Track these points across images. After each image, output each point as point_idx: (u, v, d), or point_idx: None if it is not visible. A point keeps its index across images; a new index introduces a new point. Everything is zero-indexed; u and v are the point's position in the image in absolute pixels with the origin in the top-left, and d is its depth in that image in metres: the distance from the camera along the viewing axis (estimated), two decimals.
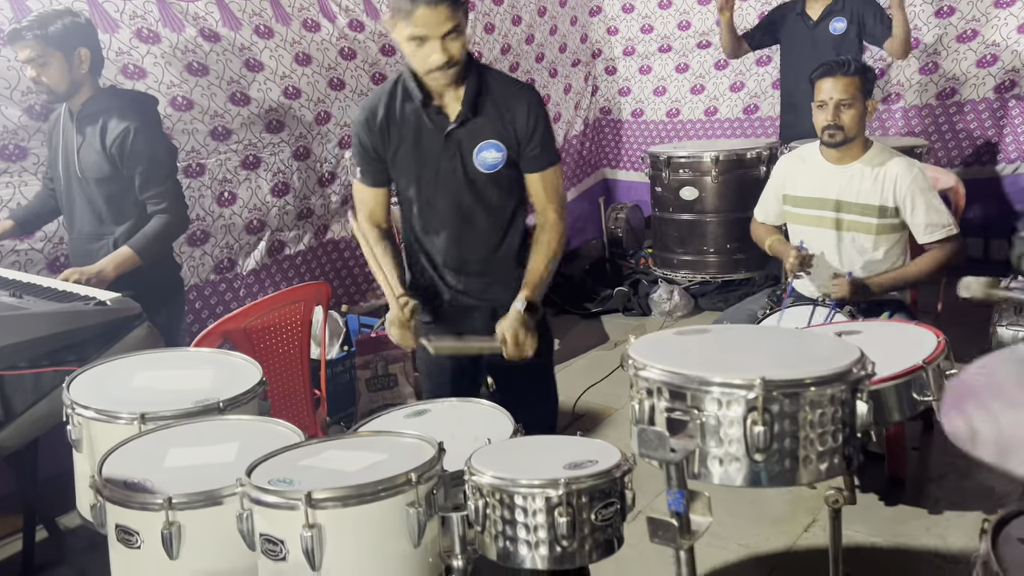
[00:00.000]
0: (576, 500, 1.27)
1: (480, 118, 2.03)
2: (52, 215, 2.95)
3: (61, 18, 2.57)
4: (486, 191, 2.08)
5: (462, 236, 2.12)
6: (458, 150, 2.04)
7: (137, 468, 1.54)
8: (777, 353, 1.39)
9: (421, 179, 2.10)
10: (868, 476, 2.84)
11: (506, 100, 2.03)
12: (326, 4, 4.06)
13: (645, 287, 4.70)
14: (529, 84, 2.13)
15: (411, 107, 2.04)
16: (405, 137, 2.06)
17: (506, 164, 2.05)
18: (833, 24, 4.01)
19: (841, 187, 2.80)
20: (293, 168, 3.97)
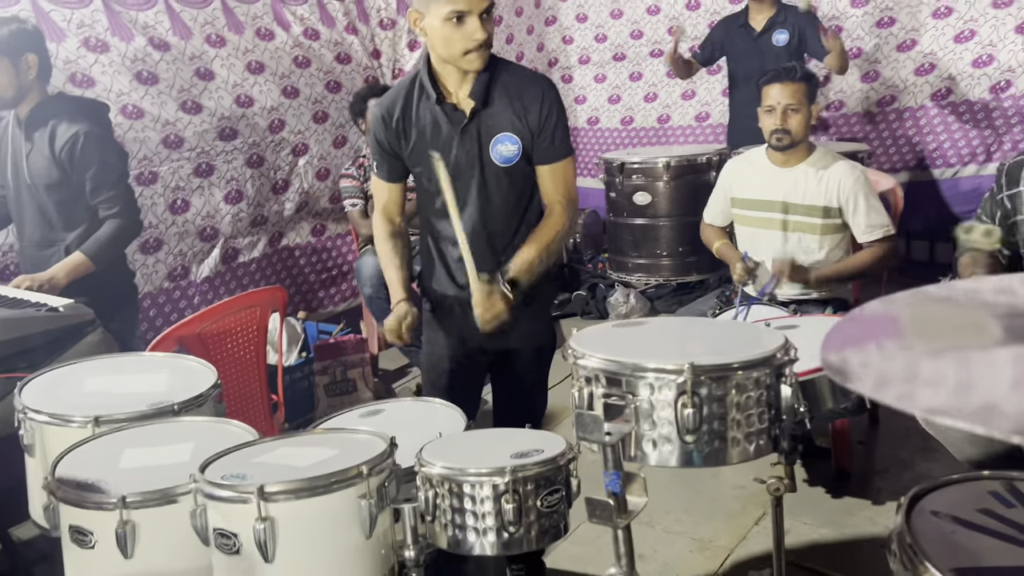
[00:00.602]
0: (522, 487, 1.32)
1: (494, 110, 2.01)
2: (4, 223, 2.92)
3: (7, 25, 2.56)
4: (502, 184, 2.05)
5: (477, 229, 2.07)
6: (474, 144, 2.02)
7: (91, 469, 1.55)
8: (707, 341, 1.46)
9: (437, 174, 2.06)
10: (816, 470, 2.93)
11: (519, 91, 2.00)
12: (280, 13, 4.08)
13: (602, 291, 4.77)
14: (545, 77, 2.11)
15: (427, 104, 2.03)
16: (423, 133, 2.05)
17: (522, 157, 2.04)
18: (776, 36, 4.15)
19: (787, 189, 2.89)
20: (247, 176, 3.97)
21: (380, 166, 2.16)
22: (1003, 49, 4.35)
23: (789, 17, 4.14)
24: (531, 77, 2.07)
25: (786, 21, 4.13)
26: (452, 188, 1.93)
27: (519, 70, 2.07)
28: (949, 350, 0.87)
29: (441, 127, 2.03)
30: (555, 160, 2.05)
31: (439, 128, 2.03)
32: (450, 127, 2.03)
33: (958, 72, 4.50)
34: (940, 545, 1.07)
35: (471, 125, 2.02)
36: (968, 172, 4.62)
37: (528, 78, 2.06)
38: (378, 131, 2.12)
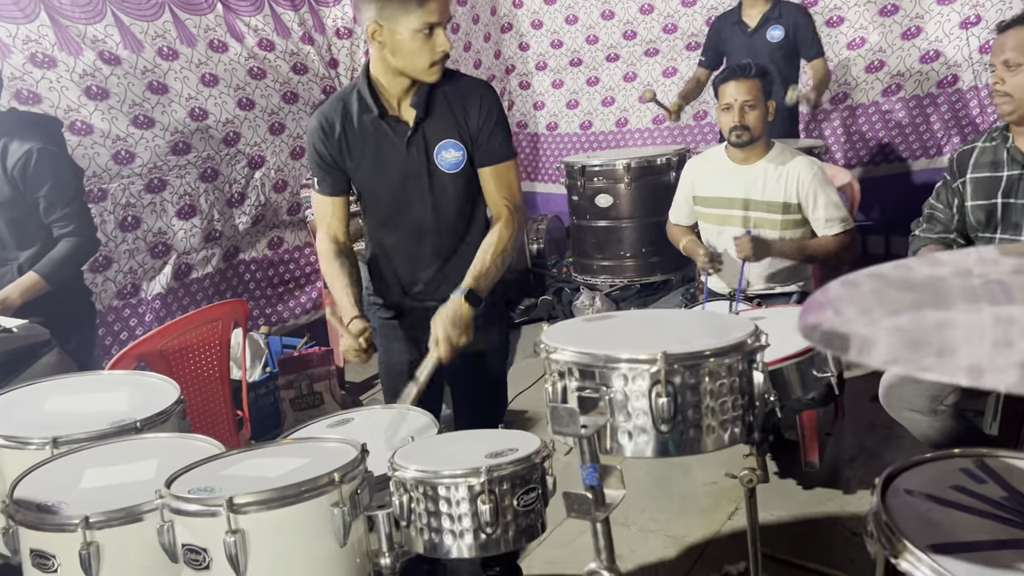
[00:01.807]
0: (498, 487, 1.31)
1: (436, 119, 2.02)
2: None
3: None
4: (450, 191, 2.07)
5: (426, 238, 2.10)
6: (420, 154, 2.03)
7: (51, 491, 1.50)
8: (677, 330, 1.46)
9: (385, 185, 2.09)
10: (785, 463, 2.96)
11: (459, 98, 2.02)
12: (234, 24, 4.03)
13: (568, 295, 4.78)
14: (484, 81, 2.12)
15: (369, 117, 2.03)
16: (366, 147, 2.05)
17: (467, 162, 2.05)
18: (770, 32, 4.12)
19: (747, 186, 2.92)
20: (200, 190, 3.90)
21: (322, 180, 2.11)
22: (948, 45, 4.46)
23: (783, 12, 4.12)
24: (469, 83, 2.08)
25: (780, 17, 4.11)
26: None
27: (458, 77, 2.07)
28: (905, 310, 0.91)
29: (385, 139, 2.04)
30: (497, 161, 2.06)
31: (383, 140, 2.04)
32: (394, 137, 2.03)
33: (907, 68, 4.61)
34: (916, 522, 1.07)
35: (415, 136, 2.03)
36: (920, 166, 4.72)
37: (467, 84, 2.06)
38: (318, 144, 2.08)
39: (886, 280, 1.02)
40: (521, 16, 5.76)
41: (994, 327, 0.86)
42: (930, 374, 0.73)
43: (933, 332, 0.83)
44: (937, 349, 0.79)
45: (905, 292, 0.98)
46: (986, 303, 0.95)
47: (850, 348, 0.82)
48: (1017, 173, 2.26)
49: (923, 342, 0.80)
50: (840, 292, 0.96)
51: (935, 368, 0.73)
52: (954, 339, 0.83)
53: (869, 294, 0.97)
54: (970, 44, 4.39)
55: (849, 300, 0.95)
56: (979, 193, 2.33)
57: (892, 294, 0.97)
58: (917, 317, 0.89)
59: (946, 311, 0.92)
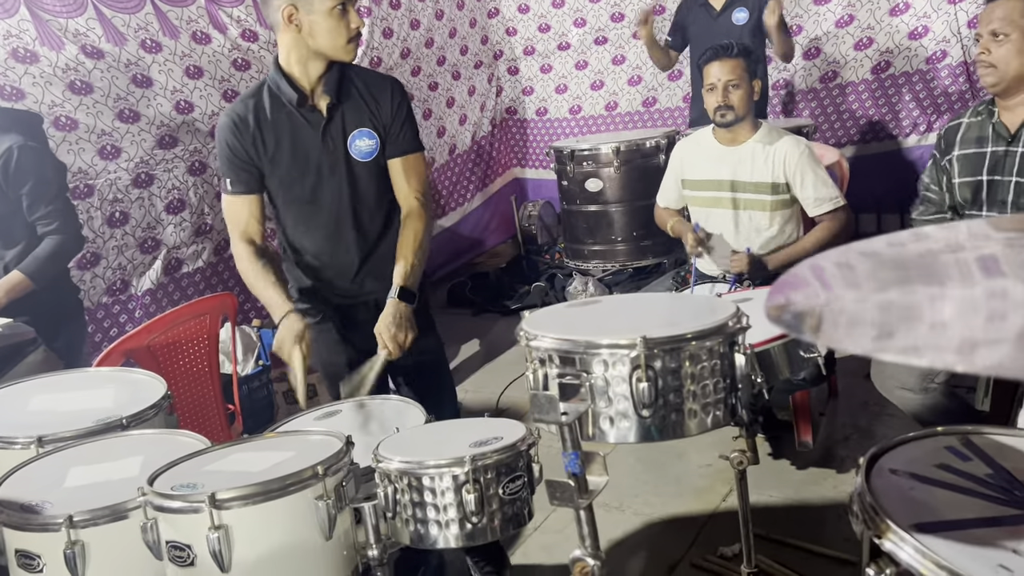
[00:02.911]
0: (483, 476, 1.30)
1: (349, 108, 2.07)
2: None
3: None
4: (364, 182, 2.11)
5: (345, 232, 2.13)
6: (335, 143, 2.07)
7: (35, 490, 1.49)
8: (658, 314, 1.45)
9: (302, 178, 2.10)
10: (779, 443, 2.96)
11: (370, 89, 2.09)
12: (216, 15, 3.99)
13: (561, 280, 4.77)
14: (392, 76, 2.19)
15: (283, 110, 2.05)
16: (281, 140, 2.06)
17: (380, 152, 2.10)
18: (735, 15, 4.12)
19: (734, 167, 2.91)
20: (189, 184, 3.88)
21: (236, 180, 2.10)
22: (937, 20, 4.43)
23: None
24: (379, 76, 2.16)
25: (746, 1, 4.12)
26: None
27: (367, 71, 2.15)
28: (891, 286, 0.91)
29: (300, 130, 2.06)
30: (406, 152, 2.12)
31: (299, 131, 2.06)
32: (309, 128, 2.06)
33: (895, 45, 4.58)
34: (900, 502, 1.07)
35: (330, 124, 2.06)
36: (910, 143, 4.70)
37: (376, 77, 2.14)
38: (231, 140, 2.07)
39: (875, 258, 1.01)
40: (507, 1, 5.71)
41: (987, 301, 0.85)
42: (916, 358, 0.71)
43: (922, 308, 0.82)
44: (928, 325, 0.78)
45: (888, 270, 0.97)
46: (979, 277, 0.94)
47: (815, 327, 0.81)
48: (1002, 149, 2.24)
49: (911, 319, 0.79)
50: (805, 272, 0.95)
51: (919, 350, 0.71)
52: (944, 314, 0.82)
53: (837, 272, 0.96)
54: (958, 19, 4.37)
55: (812, 279, 0.94)
56: (966, 170, 2.31)
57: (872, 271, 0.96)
58: (905, 292, 0.87)
59: (939, 287, 0.90)
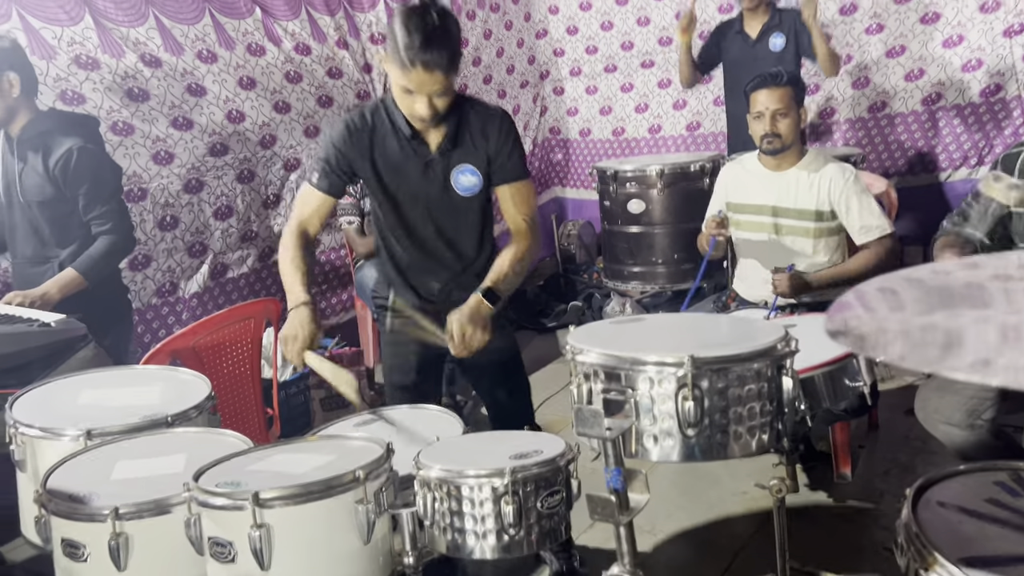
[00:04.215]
0: (522, 488, 1.30)
1: (459, 148, 2.12)
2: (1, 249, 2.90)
3: None
4: (462, 213, 2.17)
5: (436, 254, 2.19)
6: (437, 176, 2.12)
7: (83, 482, 1.53)
8: (705, 334, 1.44)
9: (402, 203, 2.16)
10: (817, 475, 2.91)
11: (481, 124, 2.11)
12: (272, 28, 4.08)
13: (598, 301, 4.76)
14: (502, 109, 2.20)
15: (395, 135, 2.10)
16: (388, 162, 2.12)
17: (482, 187, 2.15)
18: (772, 41, 4.12)
19: (779, 193, 2.89)
20: (237, 191, 3.96)
21: (323, 177, 2.14)
22: (991, 53, 4.37)
23: (784, 20, 4.11)
24: (488, 112, 2.16)
25: (781, 24, 4.10)
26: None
27: (480, 108, 2.15)
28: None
29: (408, 159, 2.11)
30: (514, 179, 2.15)
31: (406, 159, 2.11)
32: (416, 159, 2.11)
33: (947, 77, 4.53)
34: (948, 535, 1.05)
35: (436, 159, 2.11)
36: (960, 176, 4.63)
37: (487, 113, 2.15)
38: (340, 143, 2.12)
39: (919, 283, 1.00)
40: (556, 22, 5.76)
41: None
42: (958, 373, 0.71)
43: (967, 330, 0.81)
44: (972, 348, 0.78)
45: (937, 295, 0.96)
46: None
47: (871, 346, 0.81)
48: None
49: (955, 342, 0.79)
50: (871, 292, 0.94)
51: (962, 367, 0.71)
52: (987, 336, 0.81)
53: (902, 295, 0.95)
54: (1014, 53, 4.31)
55: (880, 300, 0.94)
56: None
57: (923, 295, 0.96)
58: (950, 316, 0.87)
59: (984, 310, 0.90)
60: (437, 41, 1.89)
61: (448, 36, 1.92)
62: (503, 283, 2.01)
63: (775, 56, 4.08)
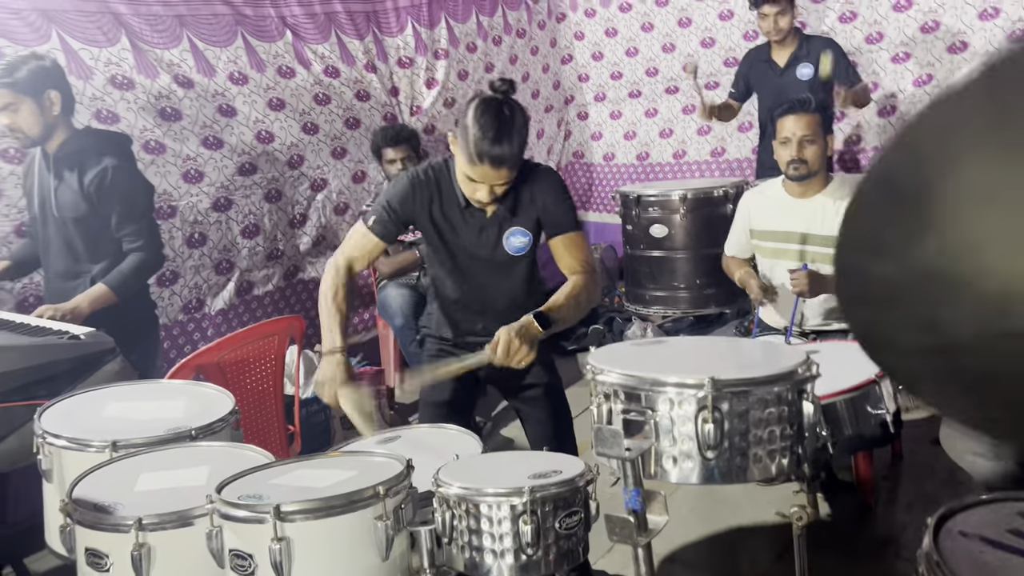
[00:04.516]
0: (540, 508, 1.30)
1: (511, 214, 2.18)
2: (34, 265, 2.95)
3: (26, 63, 2.59)
4: (512, 270, 2.24)
5: (486, 303, 2.26)
6: (491, 239, 2.19)
7: (108, 492, 1.55)
8: (726, 357, 1.44)
9: (453, 250, 2.22)
10: (839, 504, 2.87)
11: (531, 190, 2.16)
12: (301, 51, 4.16)
13: (619, 324, 4.76)
14: (548, 168, 2.28)
15: (453, 195, 2.16)
16: (445, 218, 2.19)
17: (532, 246, 2.22)
18: (800, 71, 4.13)
19: (806, 220, 2.89)
20: (264, 210, 4.02)
21: (379, 223, 2.20)
22: None
23: (813, 49, 4.12)
24: (537, 172, 2.21)
25: (810, 55, 4.11)
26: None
27: (527, 169, 2.18)
28: None
29: (463, 221, 2.19)
30: (566, 231, 2.19)
31: (462, 221, 2.19)
32: (471, 221, 2.18)
33: None
34: (969, 565, 1.04)
35: (490, 224, 2.18)
36: None
37: (535, 175, 2.19)
38: (401, 196, 2.18)
39: None
40: (581, 48, 5.82)
41: None
42: None
43: None
44: None
45: None
46: None
47: None
48: None
49: None
50: None
51: None
52: None
53: None
54: None
55: None
56: None
57: None
58: None
59: None
60: (507, 139, 1.95)
61: (518, 133, 1.98)
62: (556, 311, 2.02)
63: (803, 85, 4.07)
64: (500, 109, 1.97)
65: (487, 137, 1.93)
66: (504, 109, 1.98)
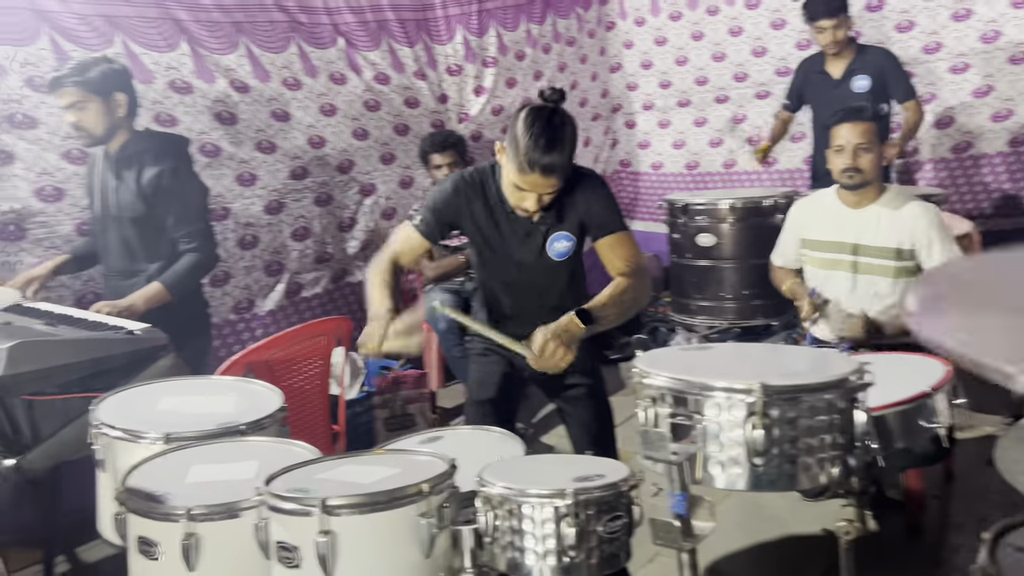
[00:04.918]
0: (583, 511, 1.30)
1: (555, 219, 2.18)
2: (93, 261, 3.02)
3: (98, 65, 2.69)
4: (556, 273, 2.24)
5: (529, 305, 2.26)
6: (535, 244, 2.19)
7: (160, 482, 1.58)
8: (776, 363, 1.42)
9: (497, 254, 2.24)
10: (887, 523, 2.80)
11: (573, 195, 2.15)
12: (354, 58, 4.23)
13: (663, 335, 4.72)
14: (591, 171, 2.25)
15: (498, 200, 2.17)
16: (490, 222, 2.20)
17: (575, 250, 2.22)
18: (856, 83, 4.05)
19: (858, 230, 2.84)
20: (315, 213, 4.09)
21: (424, 224, 2.23)
22: None
23: (869, 60, 4.05)
24: (579, 176, 2.17)
25: (866, 65, 4.04)
26: None
27: (576, 178, 2.15)
28: None
29: (507, 226, 2.19)
30: (608, 233, 2.16)
31: (505, 225, 2.19)
32: (516, 227, 2.18)
33: None
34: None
35: (535, 230, 2.18)
36: None
37: (578, 178, 2.16)
38: (447, 198, 2.20)
39: None
40: (631, 56, 5.80)
41: None
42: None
43: None
44: None
45: None
46: None
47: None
48: None
49: None
50: None
51: None
52: None
53: None
54: None
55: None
56: None
57: None
58: None
59: None
60: (558, 148, 1.95)
61: (568, 142, 1.98)
62: (599, 310, 1.99)
63: (858, 97, 4.00)
64: (551, 118, 1.97)
65: (538, 146, 1.94)
66: (555, 118, 1.98)
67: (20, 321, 2.35)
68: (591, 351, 2.24)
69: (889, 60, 4.02)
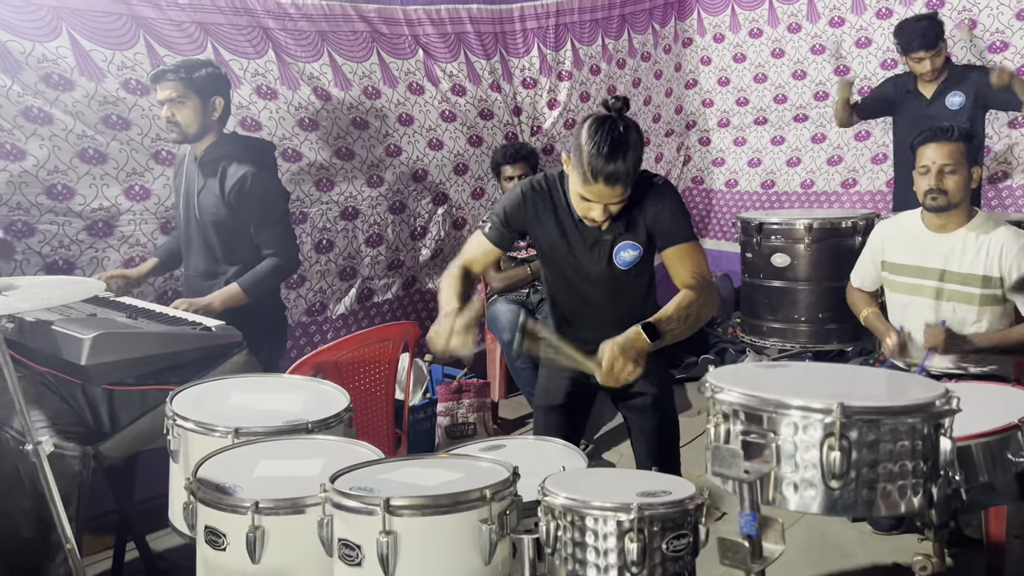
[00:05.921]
0: (648, 527, 1.27)
1: (623, 228, 2.18)
2: (178, 262, 3.11)
3: (205, 67, 2.80)
4: (623, 282, 2.23)
5: (598, 312, 2.25)
6: (602, 254, 2.19)
7: (229, 475, 1.62)
8: (856, 383, 1.37)
9: (564, 262, 2.24)
10: (964, 562, 2.67)
11: (642, 203, 2.14)
12: (431, 69, 4.29)
13: (732, 356, 4.63)
14: (661, 178, 2.22)
15: (566, 209, 2.18)
16: (557, 230, 2.21)
17: (642, 257, 2.20)
18: (950, 99, 3.92)
19: (944, 256, 2.73)
20: (388, 221, 4.15)
21: (494, 230, 2.25)
22: None
23: (962, 78, 3.91)
24: (649, 183, 2.16)
25: (961, 82, 3.89)
26: None
27: (644, 184, 2.14)
28: None
29: (574, 234, 2.19)
30: (676, 243, 2.14)
31: (572, 234, 2.19)
32: (583, 236, 2.18)
33: None
34: None
35: (602, 238, 2.17)
36: None
37: (647, 186, 2.15)
38: (516, 205, 2.22)
39: None
40: (707, 73, 5.73)
41: None
42: None
43: None
44: None
45: None
46: None
47: None
48: None
49: None
50: None
51: None
52: None
53: None
54: None
55: None
56: None
57: None
58: None
59: None
60: (621, 156, 1.93)
61: (632, 150, 1.96)
62: (665, 323, 1.96)
63: (952, 115, 3.86)
64: (614, 126, 1.95)
65: (601, 155, 1.92)
66: (618, 126, 1.95)
67: (104, 313, 2.44)
68: (660, 362, 2.22)
69: (986, 76, 3.87)
